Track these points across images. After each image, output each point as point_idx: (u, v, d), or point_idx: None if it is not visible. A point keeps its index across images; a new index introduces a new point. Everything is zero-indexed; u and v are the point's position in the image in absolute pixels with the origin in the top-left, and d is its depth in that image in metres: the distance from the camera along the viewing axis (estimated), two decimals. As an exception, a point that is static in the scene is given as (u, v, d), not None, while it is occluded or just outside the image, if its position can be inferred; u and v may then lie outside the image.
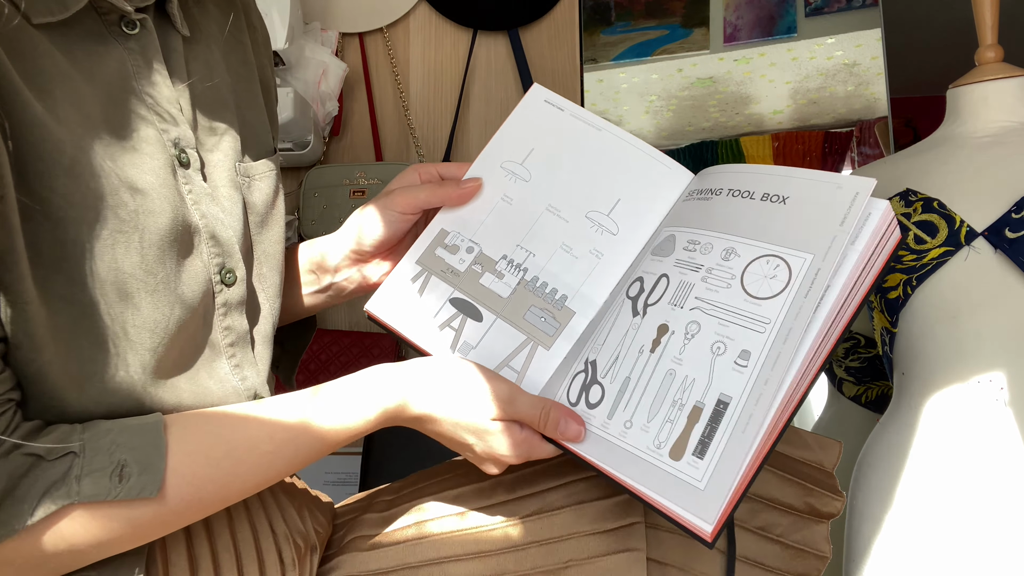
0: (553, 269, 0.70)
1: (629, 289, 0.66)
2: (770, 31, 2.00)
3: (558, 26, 1.66)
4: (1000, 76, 1.02)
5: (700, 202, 0.67)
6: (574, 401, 0.63)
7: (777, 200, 0.62)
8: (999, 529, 0.91)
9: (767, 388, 0.55)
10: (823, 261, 0.57)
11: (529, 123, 0.75)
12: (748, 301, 0.59)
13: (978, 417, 0.94)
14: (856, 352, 1.46)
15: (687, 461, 0.56)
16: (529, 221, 0.72)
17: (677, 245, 0.65)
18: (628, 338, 0.63)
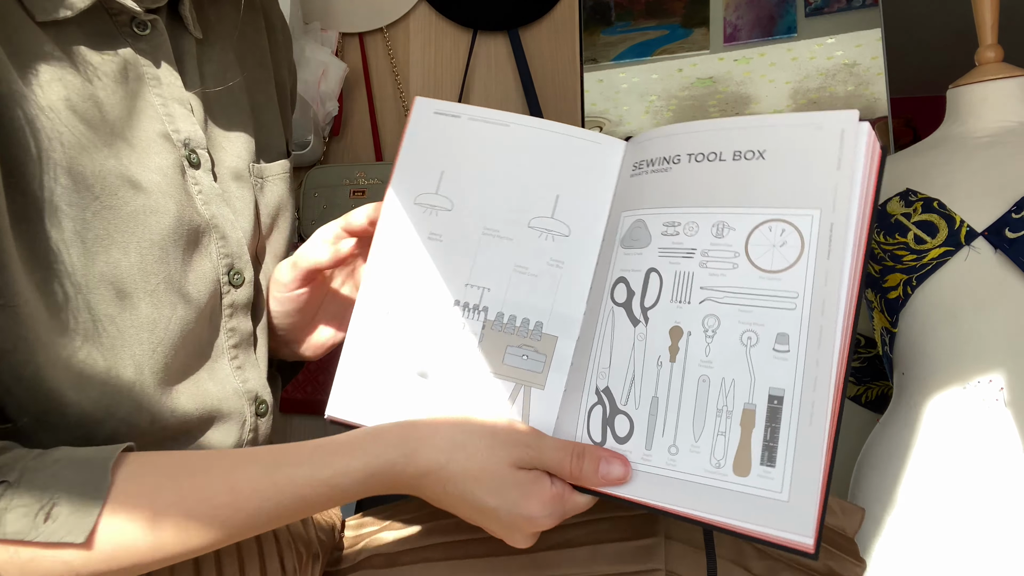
0: (515, 298, 0.60)
1: (613, 294, 0.57)
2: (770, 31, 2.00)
3: (558, 26, 1.66)
4: (1000, 76, 1.02)
5: (658, 175, 0.57)
6: (599, 439, 0.54)
7: (753, 156, 0.53)
8: (999, 529, 0.91)
9: (820, 369, 0.48)
10: (834, 213, 0.50)
11: (427, 144, 0.65)
12: (764, 277, 0.51)
13: (978, 417, 0.94)
14: (856, 352, 1.46)
15: (758, 473, 0.49)
16: (469, 254, 0.62)
17: (652, 231, 0.56)
18: (638, 352, 0.55)
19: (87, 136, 0.53)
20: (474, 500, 0.52)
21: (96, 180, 0.52)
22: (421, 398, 0.60)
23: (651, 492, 0.52)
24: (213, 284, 0.60)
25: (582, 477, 0.52)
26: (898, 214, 1.01)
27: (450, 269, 0.62)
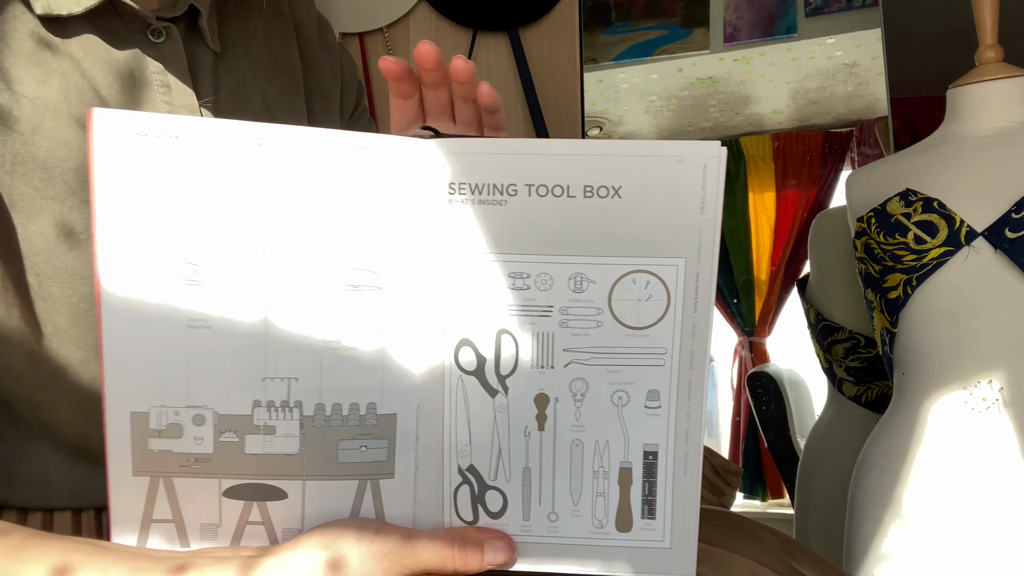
0: (334, 382, 0.49)
1: (458, 360, 0.49)
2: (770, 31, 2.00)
3: (558, 26, 1.66)
4: (1000, 76, 1.02)
5: (490, 208, 0.48)
6: (470, 519, 0.50)
7: (608, 194, 0.47)
8: (998, 529, 0.91)
9: (691, 421, 0.50)
10: (699, 263, 0.48)
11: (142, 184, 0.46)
12: (631, 335, 0.49)
13: (978, 417, 0.94)
14: (856, 352, 1.46)
15: (640, 527, 0.50)
16: (256, 338, 0.48)
17: (495, 283, 0.49)
18: (501, 425, 0.50)
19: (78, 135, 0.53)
20: None
21: (85, 179, 0.52)
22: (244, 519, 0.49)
23: (536, 562, 0.51)
24: None
25: (467, 568, 0.47)
26: (898, 214, 1.01)
27: (235, 363, 0.48)
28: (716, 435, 3.17)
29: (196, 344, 0.47)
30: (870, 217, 1.05)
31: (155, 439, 0.48)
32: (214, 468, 0.48)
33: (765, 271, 2.96)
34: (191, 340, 0.47)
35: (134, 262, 0.46)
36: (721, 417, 3.17)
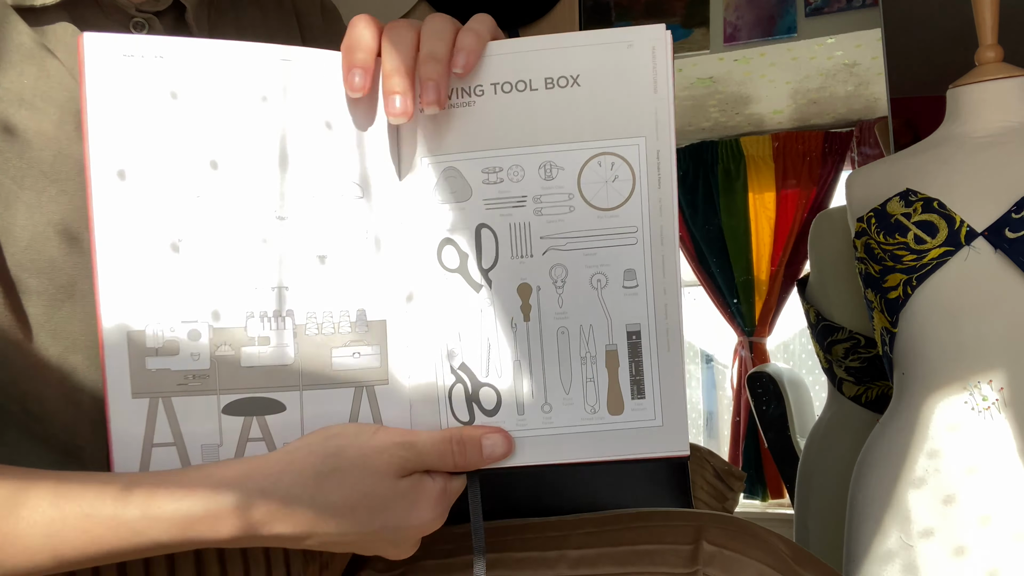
0: (323, 290, 0.50)
1: (442, 258, 0.51)
2: (770, 31, 2.00)
3: (558, 26, 1.66)
4: (1000, 76, 1.02)
5: (460, 111, 0.51)
6: (467, 419, 0.51)
7: (567, 83, 0.50)
8: (998, 529, 0.91)
9: (668, 296, 0.50)
10: (658, 140, 0.50)
11: (131, 104, 0.47)
12: (603, 216, 0.50)
13: (978, 417, 0.94)
14: (856, 352, 1.46)
15: (631, 408, 0.51)
16: (245, 251, 0.49)
17: (471, 181, 0.51)
18: (487, 320, 0.51)
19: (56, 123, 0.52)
20: (353, 528, 0.47)
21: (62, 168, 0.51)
22: (244, 436, 0.50)
23: (536, 454, 0.52)
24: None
25: (467, 464, 0.50)
26: (898, 214, 1.01)
27: (226, 272, 0.49)
28: (716, 435, 3.17)
29: (188, 258, 0.48)
30: (870, 217, 1.05)
31: (152, 358, 0.48)
32: (212, 384, 0.49)
33: (765, 271, 2.95)
34: (183, 254, 0.48)
35: (126, 181, 0.48)
36: (721, 417, 3.17)
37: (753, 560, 0.60)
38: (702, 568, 0.60)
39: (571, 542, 0.65)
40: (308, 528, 0.46)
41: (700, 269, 3.04)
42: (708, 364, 3.30)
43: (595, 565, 0.64)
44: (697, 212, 3.02)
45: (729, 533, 0.62)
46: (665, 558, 0.62)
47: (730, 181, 2.96)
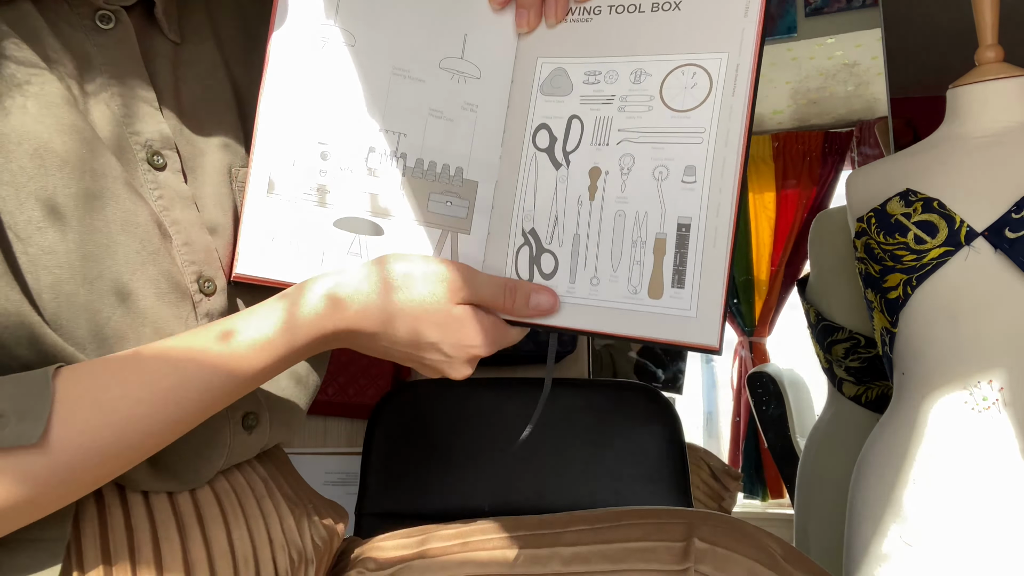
0: (433, 143, 0.61)
1: (536, 139, 0.60)
2: (770, 31, 1.99)
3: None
4: (1000, 76, 1.02)
5: (578, 24, 0.60)
6: (527, 277, 0.59)
7: (670, 7, 0.57)
8: (998, 529, 0.91)
9: (723, 196, 0.54)
10: (740, 56, 0.55)
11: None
12: (676, 116, 0.56)
13: (977, 417, 0.94)
14: (856, 352, 1.46)
15: (669, 295, 0.55)
16: (379, 95, 0.60)
17: (574, 80, 0.60)
18: (560, 194, 0.59)
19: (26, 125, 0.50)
20: (414, 336, 0.55)
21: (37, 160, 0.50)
22: (345, 254, 0.60)
23: (577, 319, 0.57)
24: (175, 292, 0.57)
25: (514, 310, 0.57)
26: (898, 214, 1.01)
27: (360, 112, 0.60)
28: (716, 435, 3.17)
29: (334, 91, 0.59)
30: (870, 217, 1.05)
31: (286, 167, 0.59)
32: (331, 199, 0.59)
33: (765, 271, 2.95)
34: (330, 89, 0.59)
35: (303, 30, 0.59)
36: (721, 417, 3.17)
37: (744, 557, 0.60)
38: (694, 565, 0.60)
39: (564, 539, 0.65)
40: (379, 328, 0.54)
41: (700, 269, 3.04)
42: (708, 364, 3.30)
43: (588, 562, 0.64)
44: (697, 212, 3.01)
45: (720, 531, 0.62)
46: (657, 555, 0.62)
47: (730, 181, 2.96)
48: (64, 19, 0.55)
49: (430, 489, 1.21)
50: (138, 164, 0.57)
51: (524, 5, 0.61)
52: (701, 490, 1.82)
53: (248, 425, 0.62)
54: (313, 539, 0.66)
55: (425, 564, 0.66)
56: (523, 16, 0.61)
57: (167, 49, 0.62)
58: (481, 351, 0.57)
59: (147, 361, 0.50)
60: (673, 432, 1.18)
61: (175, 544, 0.56)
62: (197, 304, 0.59)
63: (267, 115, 0.60)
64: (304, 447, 1.67)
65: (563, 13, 0.60)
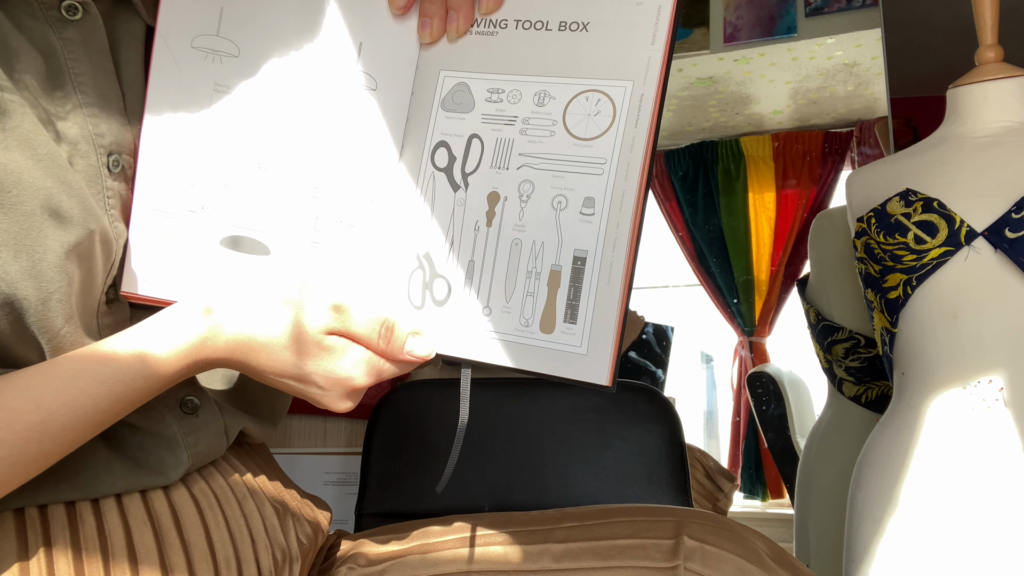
0: (325, 158, 0.59)
1: (435, 158, 0.58)
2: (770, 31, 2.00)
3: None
4: (1000, 76, 1.02)
5: (483, 38, 0.58)
6: (419, 304, 0.57)
7: (578, 28, 0.55)
8: (998, 529, 0.91)
9: (620, 230, 0.53)
10: (644, 86, 0.53)
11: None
12: (577, 145, 0.54)
13: (978, 417, 0.94)
14: (856, 352, 1.46)
15: (561, 330, 0.54)
16: (267, 109, 0.58)
17: (476, 96, 0.57)
18: (457, 217, 0.57)
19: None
20: (288, 366, 0.53)
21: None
22: (230, 268, 0.58)
23: (467, 349, 0.56)
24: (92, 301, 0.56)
25: (389, 352, 0.54)
26: (898, 214, 1.01)
27: (247, 127, 0.57)
28: (716, 435, 3.17)
29: (219, 104, 0.58)
30: (870, 217, 1.05)
31: (172, 183, 0.58)
32: (216, 217, 0.57)
33: (765, 271, 2.95)
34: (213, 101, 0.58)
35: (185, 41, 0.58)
36: (721, 417, 3.17)
37: (732, 555, 0.61)
38: (683, 563, 0.61)
39: (554, 536, 0.66)
40: (248, 359, 0.53)
41: (700, 269, 3.04)
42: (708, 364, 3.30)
43: (578, 559, 0.64)
44: (697, 212, 3.02)
45: (709, 529, 0.63)
46: (647, 552, 0.62)
47: (730, 181, 2.96)
48: (27, 11, 0.53)
49: (430, 489, 1.21)
50: (100, 169, 0.55)
51: (428, 13, 0.57)
52: (696, 490, 1.81)
53: (189, 409, 0.60)
54: (298, 537, 0.66)
55: (416, 560, 0.66)
56: (426, 25, 0.57)
57: (140, 32, 0.59)
58: (358, 383, 0.54)
59: (6, 397, 0.48)
60: (673, 432, 1.18)
61: (151, 548, 0.55)
62: (100, 316, 0.57)
63: (150, 129, 0.57)
64: (304, 447, 1.67)
65: (468, 24, 0.57)
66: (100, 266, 0.55)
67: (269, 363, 0.53)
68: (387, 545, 0.69)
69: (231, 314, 0.52)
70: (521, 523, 0.68)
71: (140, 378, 0.50)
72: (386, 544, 0.69)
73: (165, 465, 0.57)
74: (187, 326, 0.52)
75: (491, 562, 0.65)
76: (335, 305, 0.53)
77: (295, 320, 0.52)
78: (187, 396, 0.61)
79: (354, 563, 0.68)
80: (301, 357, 0.52)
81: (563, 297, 0.54)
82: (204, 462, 0.60)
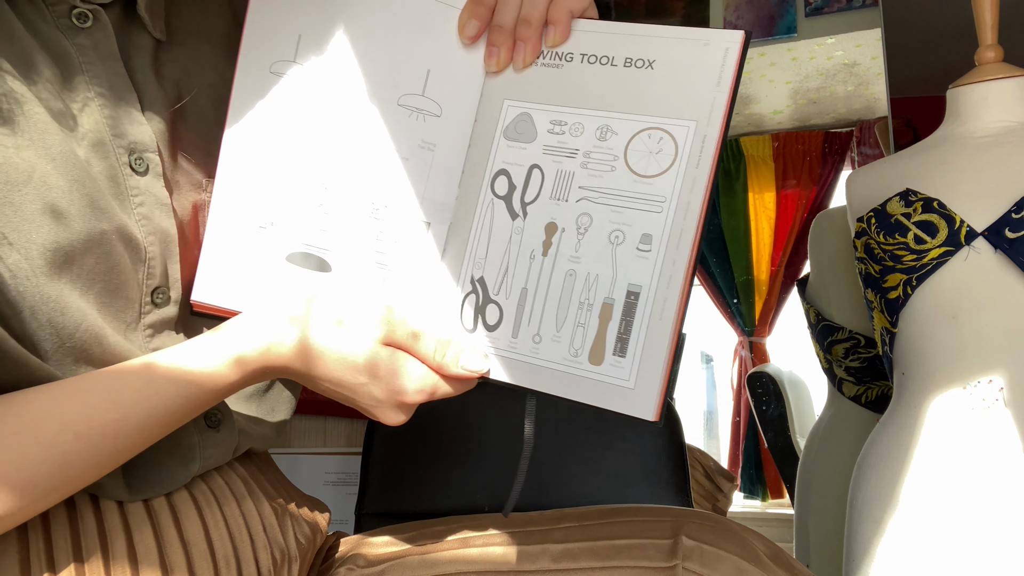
0: (387, 181, 0.60)
1: (495, 186, 0.59)
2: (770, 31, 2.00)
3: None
4: (1000, 76, 1.02)
5: (548, 70, 0.58)
6: (471, 328, 0.58)
7: (643, 65, 0.56)
8: (998, 529, 0.91)
9: (676, 268, 0.53)
10: (708, 127, 0.54)
11: (280, 4, 0.60)
12: (638, 181, 0.55)
13: (978, 417, 0.94)
14: (856, 352, 1.46)
15: (610, 363, 0.54)
16: (335, 132, 0.60)
17: (539, 128, 0.58)
18: (514, 245, 0.58)
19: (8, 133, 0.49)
20: (340, 377, 0.54)
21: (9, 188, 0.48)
22: (294, 283, 0.59)
23: (514, 375, 0.57)
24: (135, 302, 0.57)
25: (444, 367, 0.55)
26: (898, 214, 1.01)
27: (315, 148, 0.60)
28: (716, 435, 3.17)
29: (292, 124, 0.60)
30: (870, 217, 1.05)
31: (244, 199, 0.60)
32: (283, 233, 0.59)
33: (765, 271, 2.95)
34: (287, 122, 0.60)
35: (264, 66, 0.60)
36: (721, 417, 3.17)
37: (730, 555, 0.61)
38: (681, 562, 0.61)
39: (553, 537, 0.66)
40: (306, 368, 0.54)
41: (700, 269, 3.04)
42: (708, 364, 3.30)
43: (577, 559, 0.64)
44: (697, 212, 3.01)
45: (707, 528, 0.63)
46: (645, 552, 0.63)
47: (730, 181, 2.96)
48: (40, 17, 0.54)
49: (430, 489, 1.21)
50: (121, 168, 0.56)
51: (495, 43, 0.58)
52: (695, 491, 1.81)
53: (213, 423, 0.61)
54: (296, 537, 0.66)
55: (415, 561, 0.66)
56: (493, 54, 0.59)
57: (149, 45, 0.60)
58: (411, 399, 0.55)
59: (86, 394, 0.50)
60: (673, 432, 1.18)
61: (151, 547, 0.55)
62: (145, 314, 0.58)
63: (229, 148, 0.60)
64: (304, 447, 1.67)
65: (534, 55, 0.58)
66: (128, 264, 0.55)
67: (325, 375, 0.54)
68: (386, 546, 0.69)
69: (293, 326, 0.54)
70: (519, 523, 0.68)
71: (210, 380, 0.52)
72: (385, 545, 0.69)
73: (174, 477, 0.58)
74: (255, 332, 0.54)
75: (490, 562, 0.65)
76: (393, 319, 0.54)
77: (351, 331, 0.53)
78: (213, 410, 0.62)
79: (353, 564, 0.68)
80: (354, 370, 0.54)
81: (614, 330, 0.54)
82: (206, 471, 0.61)
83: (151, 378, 0.51)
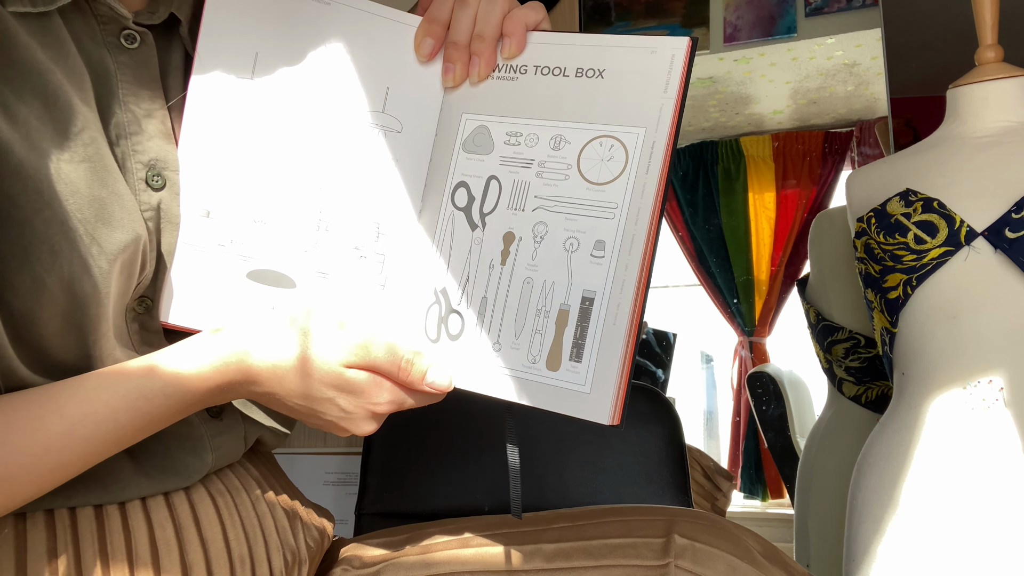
0: (350, 196, 0.61)
1: (455, 198, 0.60)
2: (770, 31, 2.00)
3: (558, 26, 1.66)
4: (1000, 76, 1.02)
5: (503, 82, 0.60)
6: (434, 338, 0.59)
7: (594, 75, 0.57)
8: (998, 529, 0.91)
9: (628, 273, 0.54)
10: (656, 133, 0.55)
11: (235, 19, 0.60)
12: (591, 189, 0.56)
13: (978, 417, 0.94)
14: (856, 352, 1.46)
15: (566, 368, 0.55)
16: (296, 149, 0.60)
17: (495, 139, 0.59)
18: (474, 255, 0.59)
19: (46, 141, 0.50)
20: (306, 390, 0.54)
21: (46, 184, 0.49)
22: (257, 301, 0.60)
23: (476, 383, 0.58)
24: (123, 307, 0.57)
25: (409, 383, 0.56)
26: (898, 214, 1.01)
27: (276, 165, 0.60)
28: (716, 435, 3.17)
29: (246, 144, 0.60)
30: (870, 217, 1.05)
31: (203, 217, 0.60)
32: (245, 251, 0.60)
33: (765, 271, 2.95)
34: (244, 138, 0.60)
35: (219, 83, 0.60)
36: (721, 417, 3.17)
37: (723, 552, 0.61)
38: (674, 561, 0.61)
39: (546, 536, 0.66)
40: (270, 386, 0.55)
41: (700, 269, 3.04)
42: (708, 364, 3.30)
43: (570, 558, 0.65)
44: (697, 212, 3.01)
45: (700, 527, 0.63)
46: (638, 551, 0.63)
47: (730, 181, 2.96)
48: (89, 35, 0.56)
49: (430, 489, 1.21)
50: (136, 183, 0.57)
51: (451, 59, 0.60)
52: (694, 490, 1.81)
53: (214, 412, 0.62)
54: (306, 540, 0.67)
55: (409, 562, 0.67)
56: (449, 71, 0.60)
57: (182, 64, 0.62)
58: (383, 409, 0.56)
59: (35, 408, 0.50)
60: (673, 432, 1.18)
61: (172, 546, 0.57)
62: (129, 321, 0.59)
63: (185, 168, 0.60)
64: (304, 447, 1.67)
65: (489, 69, 0.60)
66: (137, 273, 0.57)
67: (291, 391, 0.55)
68: (381, 548, 0.70)
69: (254, 341, 0.54)
70: (514, 524, 0.69)
71: (161, 395, 0.52)
72: (380, 547, 0.70)
73: (189, 468, 0.59)
74: (208, 348, 0.54)
75: (483, 563, 0.66)
76: (357, 339, 0.55)
77: (316, 350, 0.54)
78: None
79: (348, 565, 0.68)
80: (321, 386, 0.54)
81: (570, 336, 0.55)
82: (222, 465, 0.62)
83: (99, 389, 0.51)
